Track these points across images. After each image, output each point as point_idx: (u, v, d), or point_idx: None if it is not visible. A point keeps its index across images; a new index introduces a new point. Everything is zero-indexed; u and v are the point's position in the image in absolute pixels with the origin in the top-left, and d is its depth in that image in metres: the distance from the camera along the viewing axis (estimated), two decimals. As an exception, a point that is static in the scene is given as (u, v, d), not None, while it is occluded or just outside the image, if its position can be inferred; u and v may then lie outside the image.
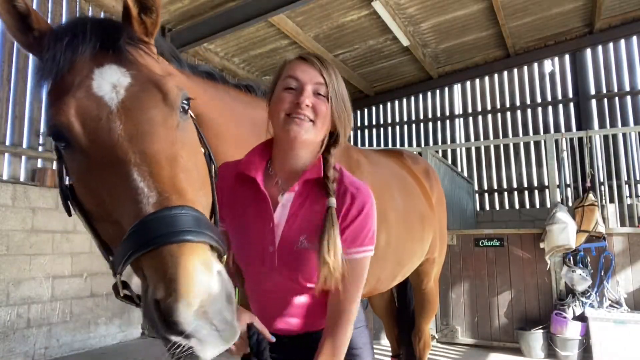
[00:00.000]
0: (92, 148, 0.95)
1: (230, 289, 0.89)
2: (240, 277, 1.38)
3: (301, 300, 1.27)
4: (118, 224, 0.93)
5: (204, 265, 0.83)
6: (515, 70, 10.02)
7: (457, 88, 10.68)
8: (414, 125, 11.12)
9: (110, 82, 0.99)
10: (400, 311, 3.36)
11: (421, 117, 11.04)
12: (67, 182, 1.09)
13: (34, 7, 5.17)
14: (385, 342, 5.35)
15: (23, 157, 5.44)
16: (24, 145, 5.45)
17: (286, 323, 1.29)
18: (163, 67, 1.14)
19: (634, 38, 8.96)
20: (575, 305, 4.94)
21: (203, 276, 0.81)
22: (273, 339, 1.22)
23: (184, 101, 1.07)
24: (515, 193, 9.80)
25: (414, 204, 2.54)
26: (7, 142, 5.28)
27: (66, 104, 0.96)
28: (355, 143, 11.61)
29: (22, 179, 5.37)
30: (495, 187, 10.05)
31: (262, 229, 1.23)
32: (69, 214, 1.09)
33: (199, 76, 1.54)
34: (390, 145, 10.99)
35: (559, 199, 5.51)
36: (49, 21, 1.11)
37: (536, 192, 9.64)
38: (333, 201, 1.19)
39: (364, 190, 1.25)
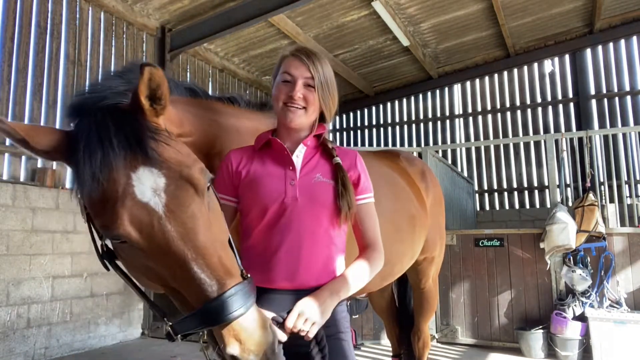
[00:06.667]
0: (150, 248, 1.09)
1: (275, 334, 1.19)
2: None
3: (313, 247, 1.41)
4: (174, 290, 1.14)
5: (264, 328, 1.13)
6: (515, 70, 10.02)
7: (457, 88, 10.68)
8: (414, 125, 11.12)
9: (149, 186, 1.10)
10: (401, 311, 3.37)
11: (421, 117, 11.03)
12: (105, 247, 1.22)
13: (34, 6, 5.09)
14: (385, 342, 5.36)
15: (23, 157, 5.43)
16: (24, 145, 5.45)
17: (293, 277, 1.38)
18: (180, 149, 1.20)
19: (634, 38, 8.96)
20: (575, 305, 4.94)
21: (264, 337, 1.12)
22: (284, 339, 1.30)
23: (209, 183, 1.21)
24: (515, 193, 9.81)
25: (403, 206, 2.55)
26: (7, 142, 5.28)
27: (120, 216, 1.06)
28: (356, 143, 11.62)
29: (22, 179, 5.37)
30: (495, 187, 10.05)
31: (283, 172, 1.47)
32: (107, 270, 1.25)
33: (182, 95, 1.61)
34: (390, 146, 10.98)
35: (559, 199, 5.51)
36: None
37: (536, 192, 9.64)
38: (338, 159, 1.51)
39: (353, 151, 1.61)
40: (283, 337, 1.27)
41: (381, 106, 11.43)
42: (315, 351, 1.33)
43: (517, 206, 9.72)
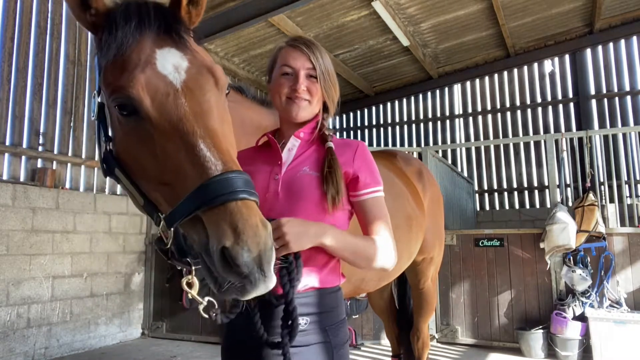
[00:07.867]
0: (159, 120, 1.07)
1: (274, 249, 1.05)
2: None
3: None
4: (171, 186, 1.05)
5: (263, 223, 1.00)
6: (515, 70, 10.02)
7: (457, 88, 10.68)
8: (413, 125, 11.12)
9: (172, 63, 1.12)
10: (400, 311, 3.37)
11: (421, 117, 11.04)
12: (109, 148, 1.19)
13: (34, 6, 5.12)
14: (385, 342, 5.36)
15: (23, 157, 5.44)
16: (24, 145, 5.46)
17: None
18: (206, 54, 1.25)
19: (634, 38, 8.96)
20: (575, 305, 4.94)
21: (263, 232, 0.98)
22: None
23: (227, 90, 1.24)
24: (515, 193, 9.81)
25: (399, 206, 2.53)
26: (7, 142, 5.28)
27: (137, 78, 1.07)
28: (355, 143, 11.61)
29: (22, 179, 5.37)
30: (495, 187, 10.05)
31: (271, 167, 1.42)
32: (106, 176, 1.22)
33: None
34: (390, 146, 10.98)
35: (559, 199, 5.51)
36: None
37: (536, 192, 9.64)
38: (331, 143, 1.42)
39: (355, 141, 1.51)
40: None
41: (381, 106, 11.43)
42: (283, 272, 1.21)
43: (517, 206, 9.72)
